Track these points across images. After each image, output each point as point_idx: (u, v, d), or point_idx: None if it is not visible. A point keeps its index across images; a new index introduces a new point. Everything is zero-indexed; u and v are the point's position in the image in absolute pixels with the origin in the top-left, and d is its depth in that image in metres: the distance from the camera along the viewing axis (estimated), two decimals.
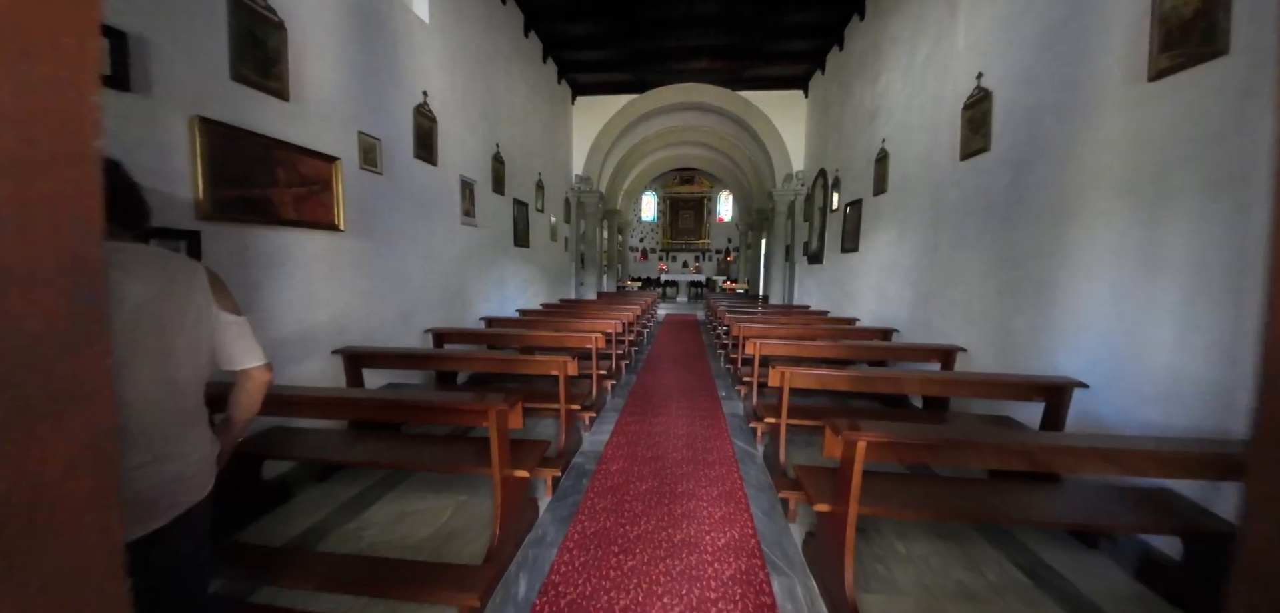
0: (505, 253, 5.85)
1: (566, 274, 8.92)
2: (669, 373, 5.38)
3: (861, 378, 2.56)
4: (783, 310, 7.61)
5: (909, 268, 4.41)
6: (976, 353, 3.36)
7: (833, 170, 6.66)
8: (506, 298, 5.89)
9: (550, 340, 4.08)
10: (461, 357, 3.02)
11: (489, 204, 5.35)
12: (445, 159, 4.35)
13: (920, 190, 4.25)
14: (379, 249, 3.49)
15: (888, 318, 4.81)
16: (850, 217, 5.89)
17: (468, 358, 3.00)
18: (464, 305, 4.77)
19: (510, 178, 5.90)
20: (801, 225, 8.29)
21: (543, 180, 7.13)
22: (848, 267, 5.98)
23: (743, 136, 10.37)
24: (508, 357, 2.94)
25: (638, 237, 20.04)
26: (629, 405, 4.15)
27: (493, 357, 2.94)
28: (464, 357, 3.02)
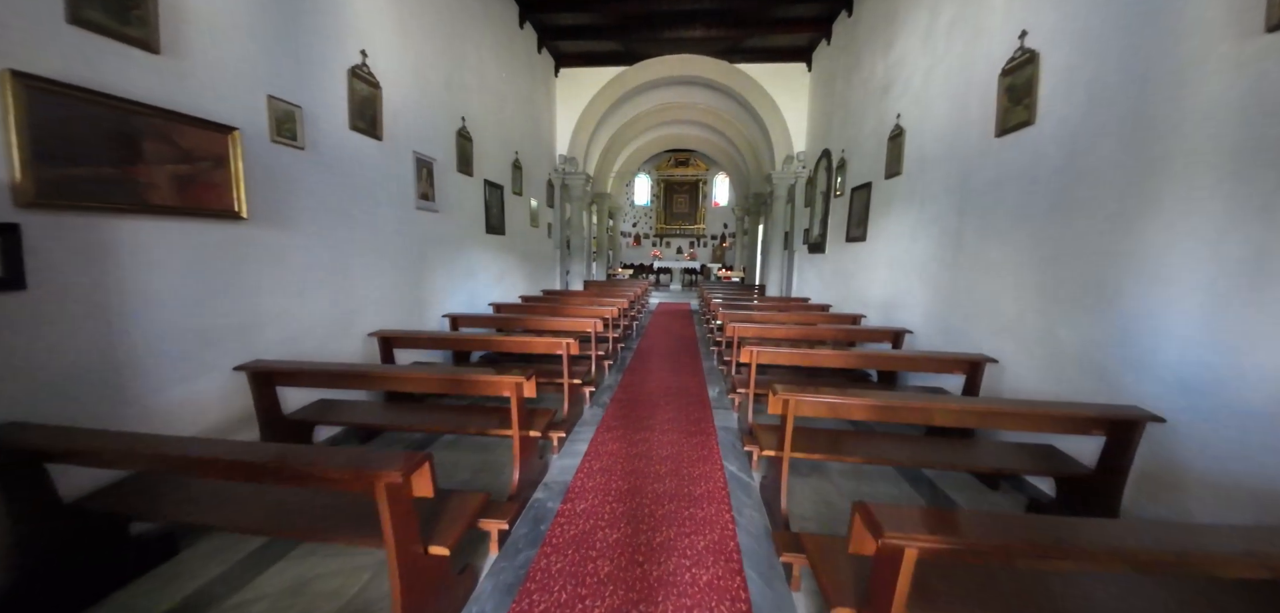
0: (475, 241, 5.29)
1: (550, 262, 8.37)
2: (657, 373, 4.90)
3: (884, 408, 2.07)
4: (780, 303, 7.12)
5: (926, 261, 3.91)
6: (1010, 366, 2.88)
7: (838, 151, 6.10)
8: (477, 291, 5.35)
9: (516, 346, 3.57)
10: (399, 374, 2.50)
11: (454, 186, 4.77)
12: (394, 133, 3.76)
13: (942, 172, 3.72)
14: (305, 240, 2.94)
15: (899, 317, 4.33)
16: (857, 202, 5.37)
17: (404, 376, 2.48)
18: (422, 303, 4.23)
19: (480, 157, 5.31)
20: (802, 211, 7.75)
21: (521, 160, 6.53)
22: (853, 257, 5.48)
23: (740, 115, 9.74)
24: (456, 375, 2.41)
25: (630, 221, 19.42)
26: (609, 416, 3.66)
27: (433, 376, 2.42)
28: (401, 374, 2.50)
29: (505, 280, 6.20)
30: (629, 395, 4.22)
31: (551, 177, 8.21)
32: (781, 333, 4.17)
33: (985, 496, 2.67)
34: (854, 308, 5.34)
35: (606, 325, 5.11)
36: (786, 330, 4.18)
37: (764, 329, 4.15)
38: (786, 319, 5.26)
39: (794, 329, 4.24)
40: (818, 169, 6.93)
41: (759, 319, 5.08)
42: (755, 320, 5.15)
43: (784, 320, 5.33)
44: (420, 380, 2.41)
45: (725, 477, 2.75)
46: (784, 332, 4.17)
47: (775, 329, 4.21)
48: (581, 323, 4.31)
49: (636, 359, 5.60)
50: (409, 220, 3.99)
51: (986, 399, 2.45)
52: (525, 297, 6.51)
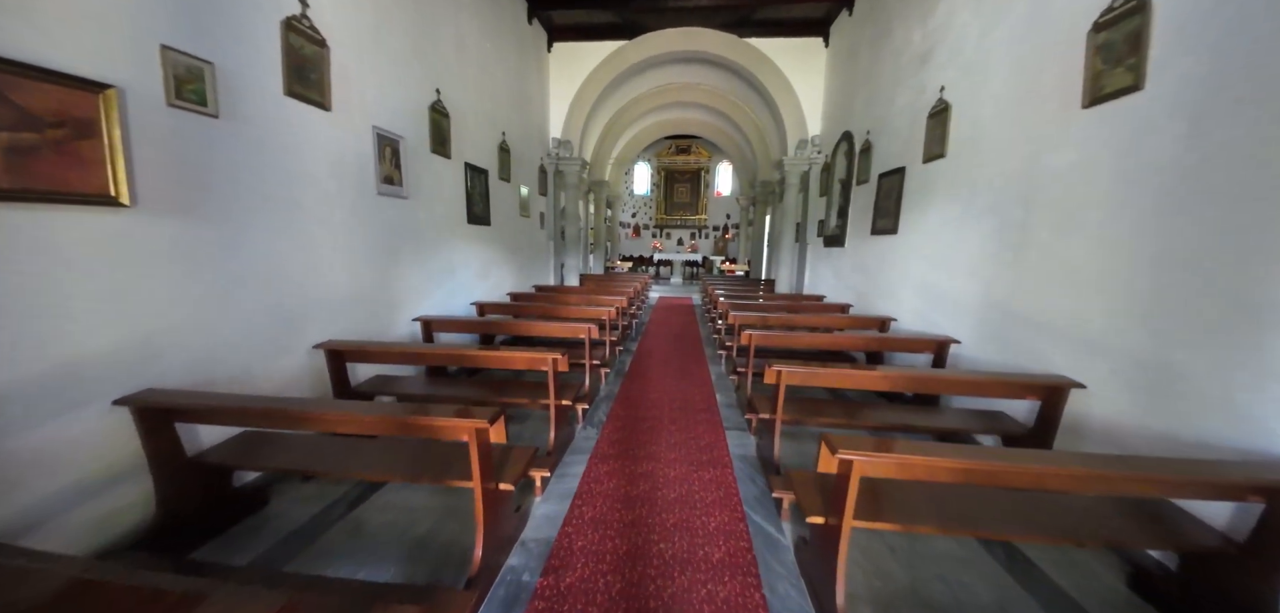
0: (456, 233, 4.71)
1: (543, 255, 7.79)
2: (658, 382, 4.36)
3: (978, 470, 1.52)
4: (790, 301, 6.57)
5: (977, 258, 3.36)
6: (1101, 395, 2.35)
7: (861, 133, 5.51)
8: (458, 289, 4.78)
9: (495, 360, 3.01)
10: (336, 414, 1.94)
11: (428, 170, 4.18)
12: (347, 103, 3.17)
13: (1002, 152, 3.16)
14: (227, 234, 2.37)
15: (939, 323, 3.78)
16: (886, 190, 4.79)
17: (341, 417, 1.92)
18: (390, 305, 3.67)
19: (460, 138, 4.71)
20: (816, 201, 7.17)
21: (508, 143, 5.92)
22: (879, 253, 4.92)
23: (749, 96, 9.11)
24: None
25: (629, 211, 18.78)
26: (604, 441, 3.12)
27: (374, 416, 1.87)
28: (339, 414, 1.94)
29: (491, 276, 5.63)
30: (627, 412, 3.67)
31: (544, 162, 7.60)
32: (804, 340, 3.63)
33: None
34: (880, 309, 4.80)
35: (603, 329, 4.57)
36: (808, 336, 3.64)
37: (779, 335, 3.60)
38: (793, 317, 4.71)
39: (816, 336, 3.70)
40: (836, 154, 6.34)
41: (774, 323, 4.54)
42: (770, 324, 4.62)
43: (794, 317, 4.80)
44: (357, 422, 1.85)
45: (749, 534, 2.21)
46: (803, 340, 3.63)
47: (793, 335, 3.67)
48: (575, 327, 3.76)
49: (636, 364, 5.06)
50: (370, 209, 3.41)
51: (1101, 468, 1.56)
52: (514, 294, 5.95)
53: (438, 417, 1.73)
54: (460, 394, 3.14)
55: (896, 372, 2.54)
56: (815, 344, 3.67)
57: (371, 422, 1.85)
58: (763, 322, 4.59)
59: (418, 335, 3.90)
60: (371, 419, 1.84)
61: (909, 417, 2.85)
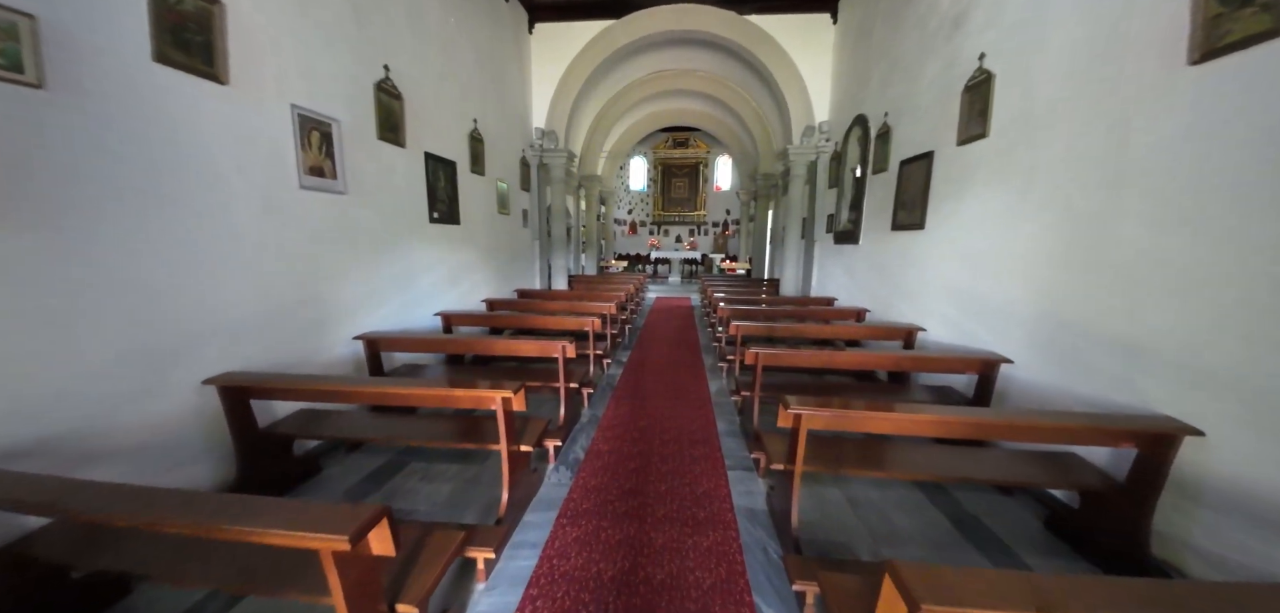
0: (415, 233, 4.12)
1: (526, 256, 7.19)
2: (650, 404, 3.76)
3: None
4: (796, 304, 5.99)
5: (1033, 259, 2.76)
6: (1228, 446, 1.76)
7: (878, 116, 4.91)
8: (419, 299, 4.18)
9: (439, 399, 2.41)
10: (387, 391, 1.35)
11: (374, 160, 3.58)
12: (254, 76, 2.57)
13: (1066, 128, 2.56)
14: (63, 242, 1.78)
15: (980, 335, 3.20)
16: (909, 178, 4.19)
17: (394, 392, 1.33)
18: (318, 325, 3.07)
19: (418, 123, 4.11)
20: (825, 193, 6.57)
21: (482, 132, 5.32)
22: (902, 251, 4.32)
23: (749, 81, 8.50)
24: None
25: (625, 208, 18.17)
26: (578, 490, 2.53)
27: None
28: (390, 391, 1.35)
29: (463, 282, 5.03)
30: (611, 446, 3.08)
31: (526, 154, 6.99)
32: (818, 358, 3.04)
33: None
34: (904, 316, 4.21)
35: (587, 341, 3.98)
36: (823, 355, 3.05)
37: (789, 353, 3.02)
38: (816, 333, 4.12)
39: (835, 355, 3.11)
40: (847, 141, 5.74)
41: (781, 333, 3.95)
42: (777, 336, 4.03)
43: (812, 334, 4.21)
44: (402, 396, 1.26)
45: None
46: (821, 358, 3.03)
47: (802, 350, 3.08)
48: (548, 344, 3.16)
49: (626, 378, 4.46)
50: (290, 206, 2.82)
51: None
52: (492, 301, 5.36)
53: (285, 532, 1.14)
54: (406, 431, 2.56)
55: (950, 416, 1.96)
56: (833, 364, 3.07)
57: None
58: (769, 332, 4.00)
59: (361, 356, 3.30)
60: None
61: (960, 463, 2.26)
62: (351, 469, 2.76)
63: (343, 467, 2.80)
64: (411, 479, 2.65)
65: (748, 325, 3.94)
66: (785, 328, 4.01)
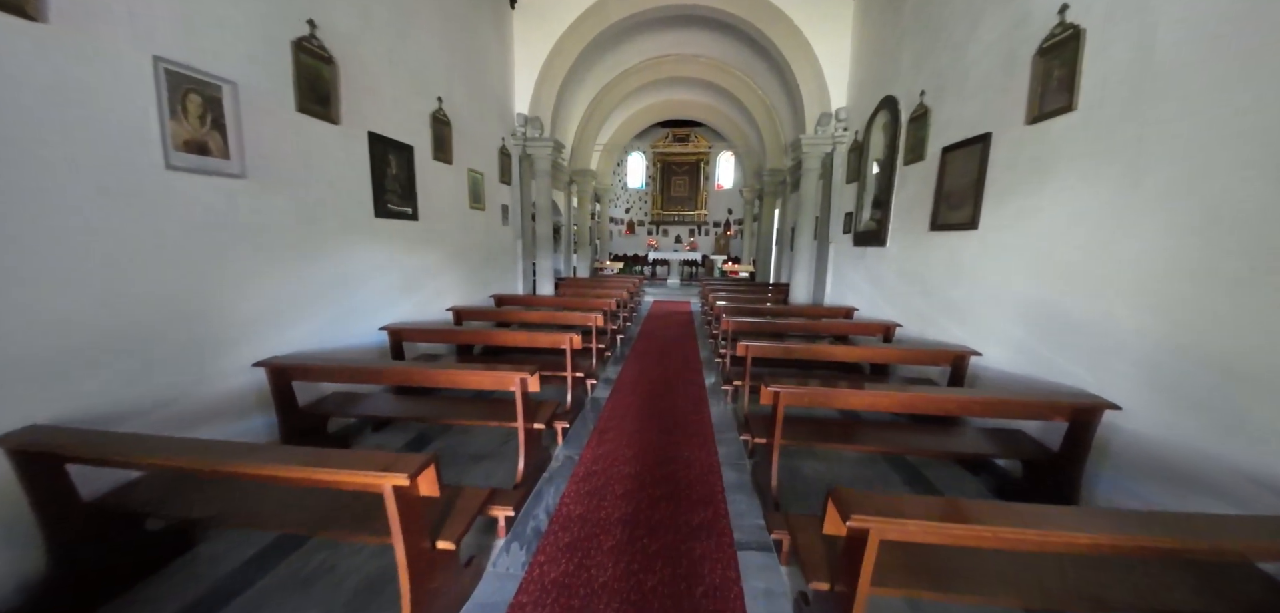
0: (354, 230, 3.40)
1: (508, 256, 6.47)
2: (639, 441, 3.03)
3: None
4: (808, 313, 5.29)
5: (1151, 268, 2.05)
6: None
7: (912, 96, 4.20)
8: (358, 308, 3.46)
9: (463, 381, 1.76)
10: None
11: (291, 138, 2.87)
12: (86, 13, 1.86)
13: (1215, 91, 1.85)
14: None
15: (1064, 367, 2.49)
16: (956, 168, 3.49)
17: None
18: (197, 343, 2.35)
19: (358, 97, 3.40)
20: (842, 189, 5.87)
21: (448, 113, 4.60)
22: (945, 256, 3.61)
23: (756, 67, 7.80)
24: None
25: (623, 206, 17.48)
26: (531, 582, 1.81)
27: None
28: None
29: (425, 286, 4.32)
30: (587, 507, 2.35)
31: (507, 143, 6.28)
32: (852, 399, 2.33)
33: None
34: (948, 335, 3.49)
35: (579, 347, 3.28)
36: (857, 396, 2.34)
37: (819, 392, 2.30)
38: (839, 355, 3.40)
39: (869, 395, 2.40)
40: (871, 128, 5.03)
41: (800, 354, 3.25)
42: (796, 358, 3.33)
43: (837, 356, 3.51)
44: None
45: None
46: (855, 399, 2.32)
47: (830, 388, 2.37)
48: (504, 376, 2.44)
49: (613, 406, 3.74)
50: (147, 192, 2.10)
51: None
52: (459, 309, 4.64)
53: None
54: None
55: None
56: (877, 405, 2.35)
57: None
58: (786, 353, 3.29)
59: (264, 388, 2.59)
60: None
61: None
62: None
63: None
64: None
65: (760, 347, 3.22)
66: (803, 347, 3.29)
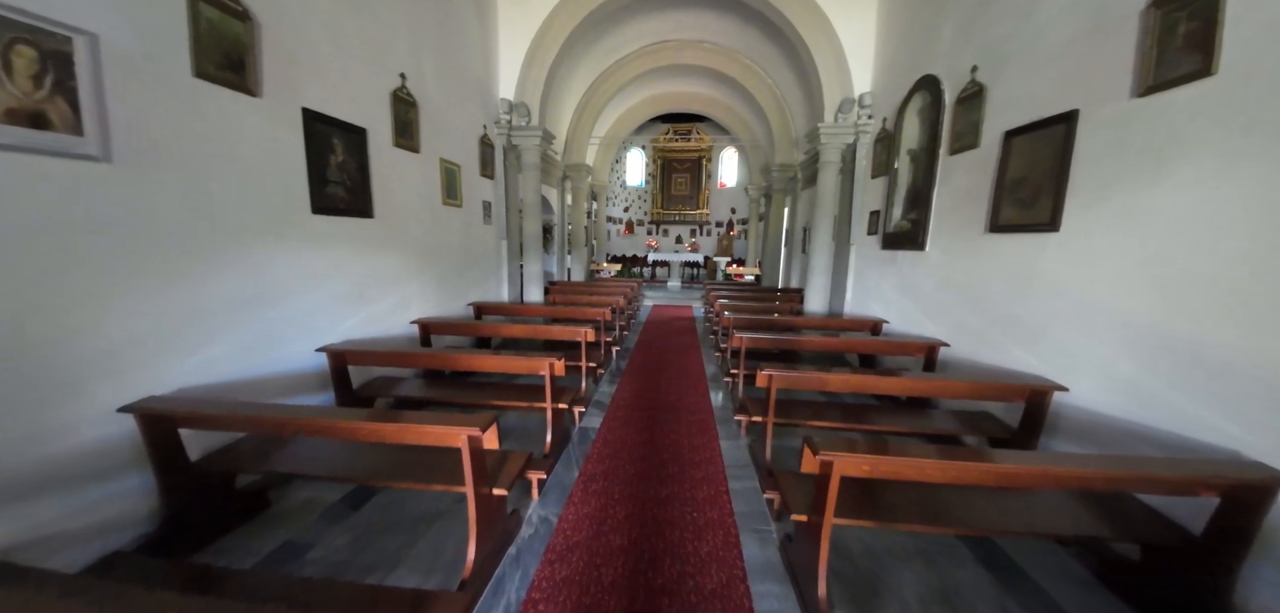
0: (279, 229, 2.79)
1: (491, 259, 5.86)
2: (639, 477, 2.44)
3: None
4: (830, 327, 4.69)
5: None
6: None
7: (958, 74, 3.60)
8: (289, 327, 2.84)
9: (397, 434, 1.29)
10: None
11: (182, 111, 2.26)
12: None
13: None
14: None
15: (1178, 407, 1.88)
16: (1023, 157, 2.88)
17: None
18: (40, 386, 1.74)
19: (285, 64, 2.79)
20: (866, 184, 5.27)
21: (413, 94, 3.99)
22: (1010, 263, 3.00)
23: (766, 50, 7.21)
24: None
25: (621, 205, 16.88)
26: None
27: None
28: None
29: (378, 298, 3.70)
30: (568, 580, 1.76)
31: (490, 133, 5.67)
32: (938, 472, 1.71)
33: None
34: (1014, 360, 2.89)
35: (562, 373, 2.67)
36: (939, 468, 1.73)
37: (892, 462, 1.69)
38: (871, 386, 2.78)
39: (959, 468, 1.80)
40: (903, 114, 4.42)
41: (836, 386, 2.65)
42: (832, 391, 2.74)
43: (870, 387, 2.93)
44: None
45: None
46: (940, 471, 1.71)
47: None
48: (450, 434, 1.82)
49: (605, 435, 3.13)
50: None
51: None
52: (427, 322, 4.03)
53: None
54: None
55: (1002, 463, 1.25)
56: (961, 478, 1.73)
57: None
58: (819, 385, 2.68)
59: (134, 437, 1.97)
60: None
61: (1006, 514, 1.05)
62: (307, 504, 2.41)
63: (294, 503, 2.42)
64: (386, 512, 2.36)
65: (786, 376, 2.61)
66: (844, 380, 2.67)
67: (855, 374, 2.68)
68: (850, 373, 2.72)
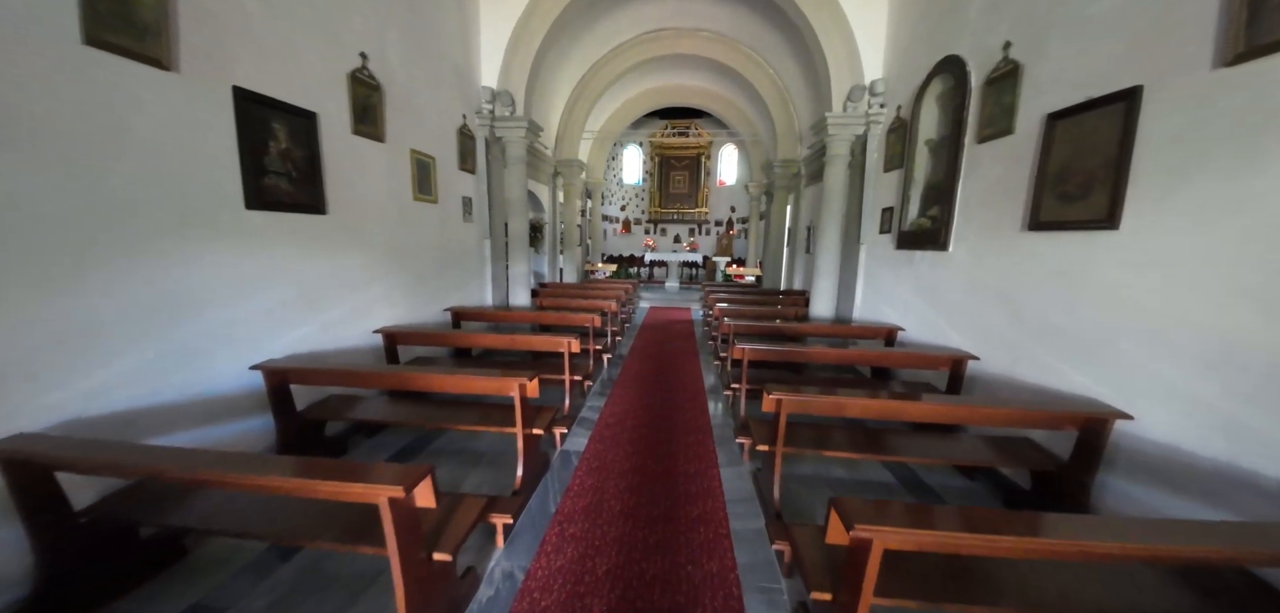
0: (210, 227, 2.41)
1: (472, 259, 5.47)
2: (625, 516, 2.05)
3: None
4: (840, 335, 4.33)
5: None
6: None
7: (988, 52, 3.23)
8: (214, 340, 2.46)
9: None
10: None
11: (70, 89, 1.89)
12: None
13: None
14: None
15: None
16: (1072, 143, 2.51)
17: None
18: None
19: (208, 31, 2.41)
20: (878, 178, 4.90)
21: (374, 74, 3.60)
22: (1055, 265, 2.63)
23: (768, 37, 6.85)
24: None
25: (617, 203, 16.50)
26: None
27: None
28: None
29: (336, 303, 3.31)
30: None
31: (471, 123, 5.28)
32: (1011, 545, 1.37)
33: None
34: (1061, 377, 2.52)
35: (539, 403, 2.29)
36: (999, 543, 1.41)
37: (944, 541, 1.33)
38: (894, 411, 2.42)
39: (1012, 546, 1.44)
40: (921, 100, 4.06)
41: (866, 409, 2.29)
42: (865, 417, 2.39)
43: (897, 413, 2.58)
44: None
45: None
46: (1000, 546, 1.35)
47: None
48: (374, 491, 1.45)
49: (588, 461, 2.76)
50: None
51: None
52: (390, 331, 3.65)
53: None
54: None
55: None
56: (1014, 553, 1.37)
57: None
58: (837, 409, 2.30)
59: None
60: None
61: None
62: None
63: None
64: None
65: (797, 400, 2.23)
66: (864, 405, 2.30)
67: (877, 399, 2.29)
68: (871, 397, 2.33)
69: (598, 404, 3.99)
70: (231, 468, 1.45)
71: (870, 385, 3.75)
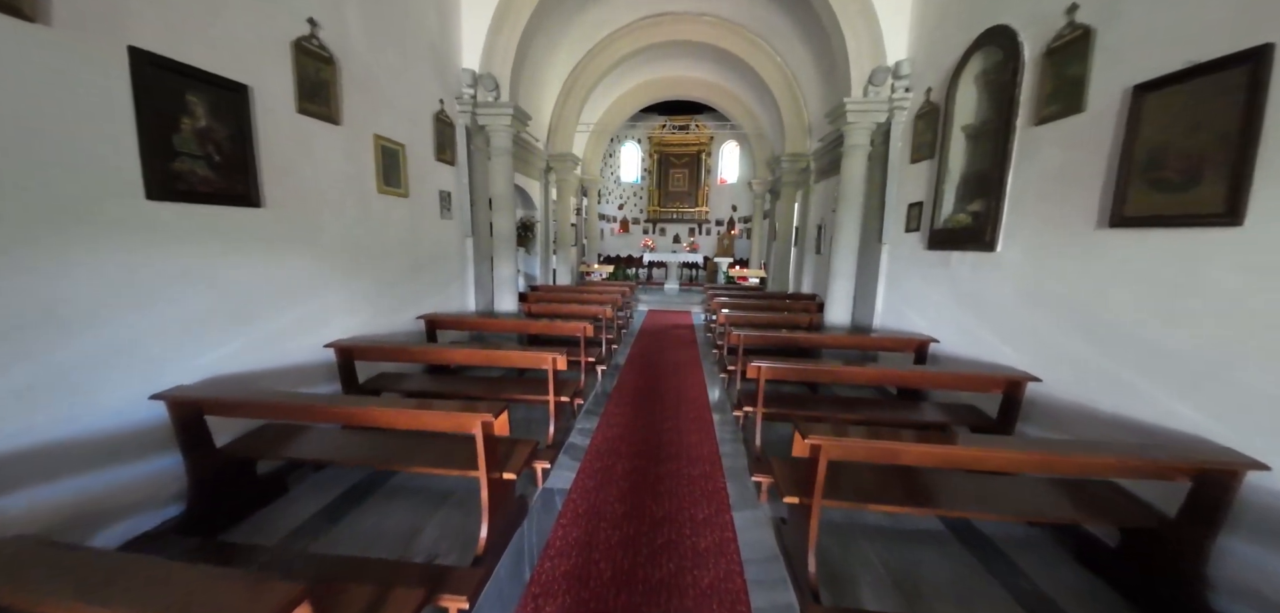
0: (106, 222, 1.95)
1: (452, 260, 5.00)
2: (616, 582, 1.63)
3: None
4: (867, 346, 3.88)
5: None
6: None
7: (1046, 19, 2.77)
8: (99, 364, 1.99)
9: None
10: None
11: None
12: None
13: None
14: None
15: None
16: (1167, 120, 2.06)
17: None
18: None
19: None
20: (903, 171, 4.46)
21: (326, 45, 3.13)
22: (1148, 270, 2.18)
23: (775, 21, 6.42)
24: None
25: (615, 202, 16.04)
26: None
27: None
28: None
29: (273, 315, 2.83)
30: None
31: (449, 109, 4.82)
32: None
33: None
34: (1139, 402, 2.07)
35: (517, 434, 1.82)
36: None
37: None
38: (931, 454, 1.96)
39: None
40: (956, 82, 3.61)
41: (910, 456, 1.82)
42: None
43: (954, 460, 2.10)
44: None
45: None
46: None
47: None
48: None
49: (575, 501, 2.29)
50: None
51: None
52: (343, 345, 3.17)
53: None
54: None
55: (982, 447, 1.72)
56: None
57: None
58: (892, 457, 1.84)
59: None
60: None
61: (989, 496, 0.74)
62: (320, 488, 2.60)
63: (307, 486, 2.63)
64: (389, 499, 2.50)
65: (838, 446, 1.77)
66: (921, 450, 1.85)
67: (943, 445, 1.84)
68: (941, 443, 1.88)
69: (589, 426, 3.53)
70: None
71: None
